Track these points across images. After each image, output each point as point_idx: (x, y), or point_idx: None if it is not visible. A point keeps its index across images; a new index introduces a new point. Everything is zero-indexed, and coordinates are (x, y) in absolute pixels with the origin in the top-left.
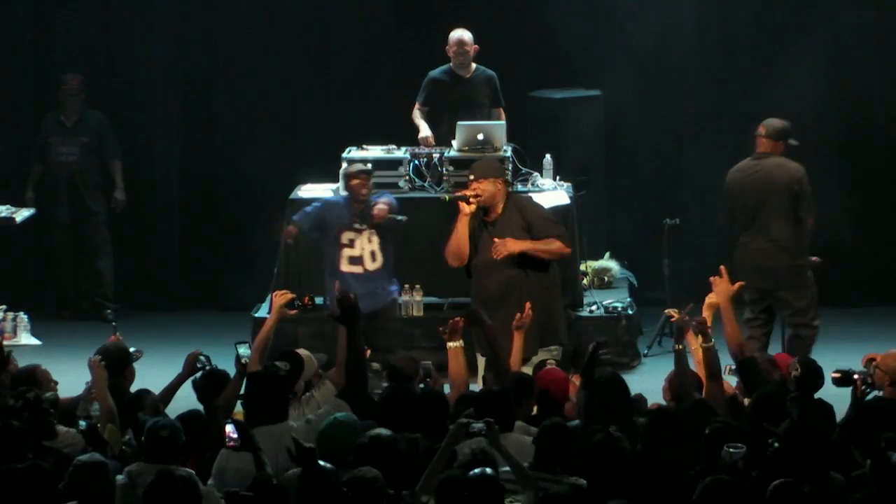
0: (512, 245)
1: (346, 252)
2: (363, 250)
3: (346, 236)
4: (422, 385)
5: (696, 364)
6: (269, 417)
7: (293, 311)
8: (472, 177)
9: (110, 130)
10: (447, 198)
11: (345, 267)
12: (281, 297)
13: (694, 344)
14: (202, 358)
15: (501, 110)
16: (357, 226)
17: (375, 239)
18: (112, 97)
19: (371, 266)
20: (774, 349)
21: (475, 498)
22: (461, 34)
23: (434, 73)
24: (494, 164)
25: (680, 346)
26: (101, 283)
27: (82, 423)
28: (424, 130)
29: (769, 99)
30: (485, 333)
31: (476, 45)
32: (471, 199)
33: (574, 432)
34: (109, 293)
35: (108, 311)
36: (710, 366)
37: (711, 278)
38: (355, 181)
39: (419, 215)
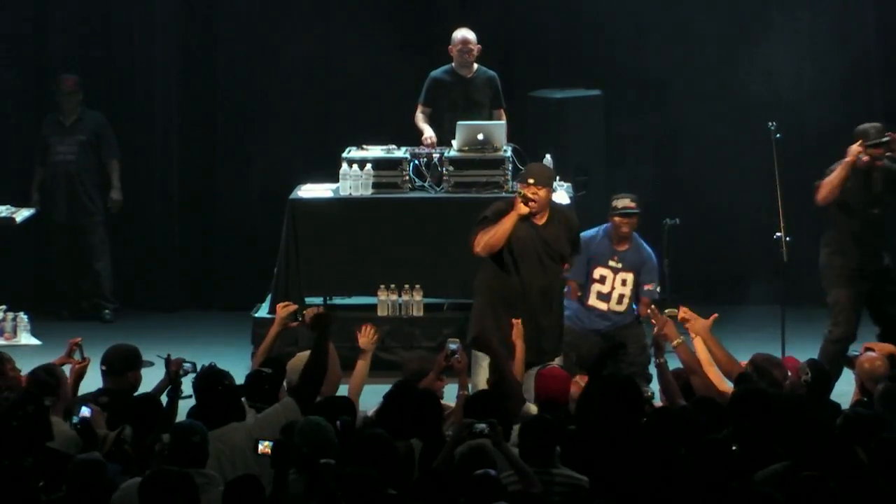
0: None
1: (597, 287)
2: (613, 290)
3: (598, 272)
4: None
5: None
6: (212, 423)
7: (295, 323)
8: (531, 181)
9: (108, 129)
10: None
11: (592, 301)
12: (284, 308)
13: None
14: (186, 365)
15: (502, 111)
16: (612, 263)
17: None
18: (112, 97)
19: (616, 308)
20: (774, 349)
21: (475, 498)
22: (465, 33)
23: (435, 72)
24: (551, 173)
25: (661, 360)
26: (98, 284)
27: (75, 419)
28: (427, 132)
29: (769, 99)
30: (494, 359)
31: (479, 45)
32: (530, 203)
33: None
34: (108, 293)
35: (107, 311)
36: (687, 361)
37: (685, 321)
38: (618, 219)
39: (419, 216)
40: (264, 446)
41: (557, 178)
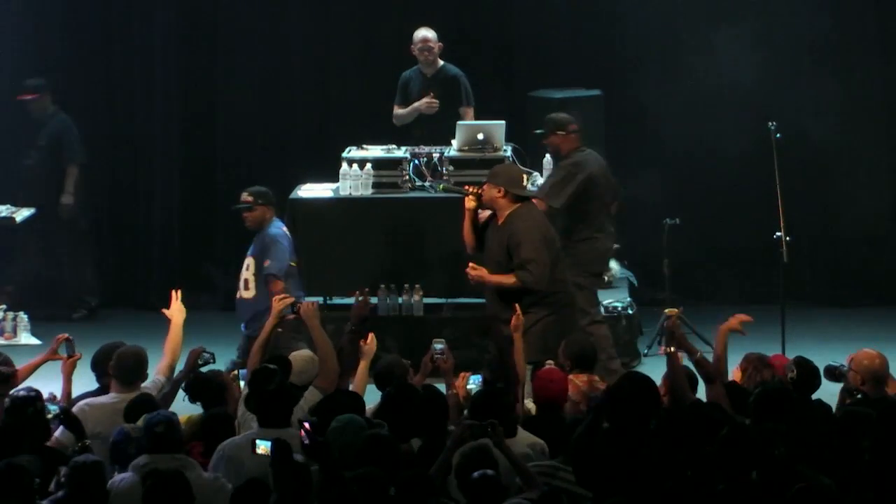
0: (484, 275)
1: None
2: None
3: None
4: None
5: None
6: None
7: (292, 316)
8: (485, 178)
9: (71, 134)
10: (442, 187)
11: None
12: (280, 301)
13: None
14: (206, 354)
15: (470, 110)
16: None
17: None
18: (111, 97)
19: (245, 294)
20: (774, 349)
21: (477, 499)
22: (424, 32)
23: (405, 73)
24: (499, 171)
25: (671, 349)
26: (85, 281)
27: (53, 408)
28: (415, 105)
29: (769, 98)
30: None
31: (440, 43)
32: (470, 194)
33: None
34: (77, 292)
35: (84, 309)
36: (704, 372)
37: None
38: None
39: (419, 216)
40: (262, 448)
41: (528, 177)
